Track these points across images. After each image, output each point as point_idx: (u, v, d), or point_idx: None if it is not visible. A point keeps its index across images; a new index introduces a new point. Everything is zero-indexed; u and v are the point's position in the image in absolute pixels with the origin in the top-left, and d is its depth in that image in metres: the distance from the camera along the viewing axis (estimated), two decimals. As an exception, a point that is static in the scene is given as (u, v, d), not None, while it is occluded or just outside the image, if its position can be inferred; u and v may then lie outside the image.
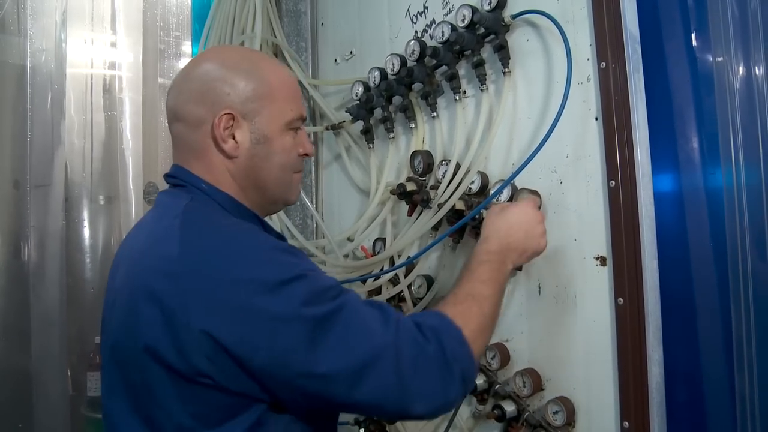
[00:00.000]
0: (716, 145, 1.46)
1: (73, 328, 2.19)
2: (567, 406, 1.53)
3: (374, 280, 1.94)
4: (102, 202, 2.26)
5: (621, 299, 1.45)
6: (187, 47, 2.48)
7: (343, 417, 2.06)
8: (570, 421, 1.53)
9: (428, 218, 1.76)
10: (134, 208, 2.26)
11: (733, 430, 1.41)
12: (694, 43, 1.51)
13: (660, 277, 1.44)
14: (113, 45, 2.24)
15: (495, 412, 1.62)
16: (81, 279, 2.18)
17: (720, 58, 1.46)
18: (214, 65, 1.25)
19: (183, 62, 2.50)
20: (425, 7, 1.91)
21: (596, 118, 1.51)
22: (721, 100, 1.45)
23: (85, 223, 2.22)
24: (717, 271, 1.48)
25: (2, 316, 2.03)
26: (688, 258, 1.53)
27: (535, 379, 1.60)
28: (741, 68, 1.44)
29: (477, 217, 1.63)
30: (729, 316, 1.43)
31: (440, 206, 1.72)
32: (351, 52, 2.21)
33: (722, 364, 1.46)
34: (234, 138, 1.23)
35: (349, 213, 2.21)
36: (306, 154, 1.34)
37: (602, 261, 1.50)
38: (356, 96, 2.02)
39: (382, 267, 1.94)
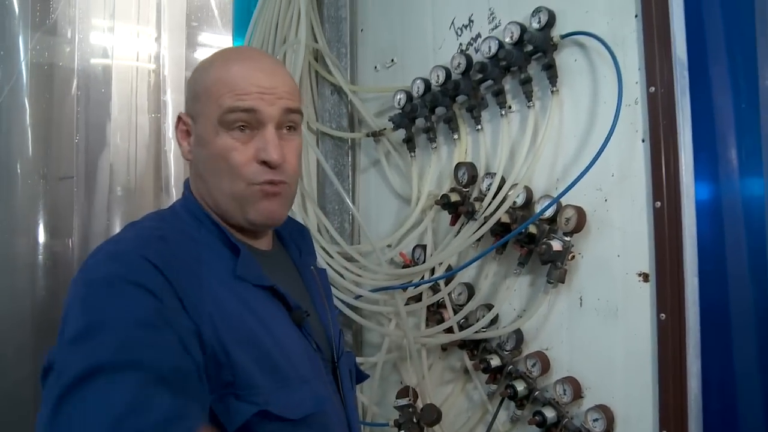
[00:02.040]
0: (759, 166, 1.52)
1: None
2: (607, 414, 1.60)
3: (415, 288, 2.00)
4: (143, 201, 2.32)
5: (663, 314, 1.51)
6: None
7: (381, 417, 2.13)
8: (609, 429, 1.59)
9: (473, 229, 1.81)
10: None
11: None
12: (740, 67, 1.57)
13: (699, 293, 1.51)
14: (157, 52, 2.29)
15: (536, 417, 1.68)
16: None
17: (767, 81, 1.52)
18: None
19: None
20: (471, 21, 1.96)
21: (643, 140, 1.56)
22: (765, 122, 1.51)
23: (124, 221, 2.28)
24: (754, 285, 1.54)
25: (47, 313, 2.09)
26: (725, 273, 1.59)
27: (575, 387, 1.67)
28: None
29: (523, 231, 1.69)
30: (766, 329, 1.50)
31: (486, 219, 1.77)
32: (392, 60, 2.26)
33: (758, 376, 1.53)
34: (188, 141, 1.19)
35: (385, 218, 2.27)
36: (264, 162, 1.12)
37: (645, 277, 1.56)
38: (399, 104, 2.08)
39: (422, 276, 1.99)
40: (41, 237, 2.08)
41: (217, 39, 2.40)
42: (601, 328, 1.65)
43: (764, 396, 1.54)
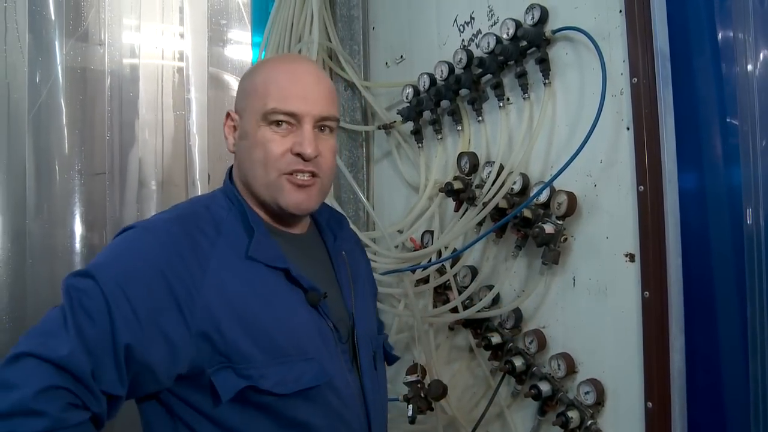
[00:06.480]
0: (737, 153, 1.59)
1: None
2: (597, 387, 1.70)
3: (423, 270, 2.12)
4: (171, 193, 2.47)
5: (647, 292, 1.60)
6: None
7: (392, 393, 2.26)
8: (599, 401, 1.70)
9: (474, 215, 1.93)
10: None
11: (746, 412, 1.56)
12: (721, 57, 1.65)
13: (683, 273, 1.59)
14: (181, 52, 2.44)
15: (532, 391, 1.80)
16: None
17: (746, 69, 1.58)
18: None
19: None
20: (472, 18, 2.07)
21: (628, 128, 1.66)
22: (743, 111, 1.58)
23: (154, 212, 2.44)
24: (735, 266, 1.62)
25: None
26: (709, 254, 1.68)
27: (568, 362, 1.77)
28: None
29: (519, 215, 1.79)
30: (745, 308, 1.58)
31: (485, 204, 1.88)
32: (401, 56, 2.38)
33: (738, 352, 1.61)
34: (233, 136, 1.32)
35: (398, 206, 2.40)
36: (298, 154, 1.23)
37: (631, 258, 1.66)
38: (407, 98, 2.20)
39: (430, 259, 2.11)
40: (78, 228, 2.24)
41: (237, 36, 2.55)
42: (592, 306, 1.75)
43: (746, 372, 1.61)
